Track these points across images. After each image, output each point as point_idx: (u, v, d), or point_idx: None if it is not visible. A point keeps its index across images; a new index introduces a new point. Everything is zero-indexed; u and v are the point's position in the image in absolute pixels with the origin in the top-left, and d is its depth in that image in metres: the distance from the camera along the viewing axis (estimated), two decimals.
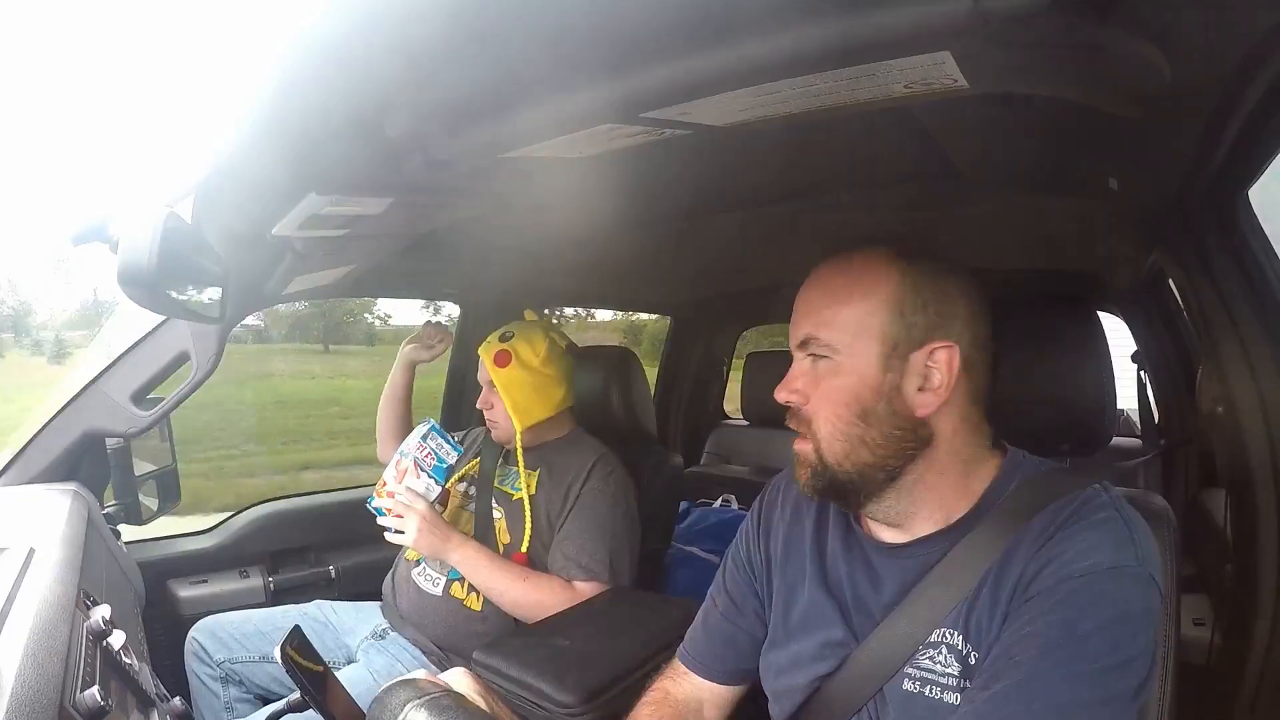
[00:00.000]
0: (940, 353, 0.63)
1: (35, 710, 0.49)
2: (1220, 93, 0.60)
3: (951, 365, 0.63)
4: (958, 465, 0.66)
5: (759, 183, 1.17)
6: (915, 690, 0.63)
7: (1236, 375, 0.91)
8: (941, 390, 0.63)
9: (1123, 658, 0.55)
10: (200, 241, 0.79)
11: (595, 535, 1.25)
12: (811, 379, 0.66)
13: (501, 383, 1.31)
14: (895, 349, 0.63)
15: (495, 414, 1.35)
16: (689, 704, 0.81)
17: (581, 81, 0.55)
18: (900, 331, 0.63)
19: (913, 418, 0.63)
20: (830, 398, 0.64)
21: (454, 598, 1.29)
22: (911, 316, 0.63)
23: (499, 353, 1.33)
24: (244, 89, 0.57)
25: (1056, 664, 0.54)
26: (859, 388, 0.63)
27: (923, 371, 0.63)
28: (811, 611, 0.72)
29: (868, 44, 0.45)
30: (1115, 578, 0.57)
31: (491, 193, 0.90)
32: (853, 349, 0.63)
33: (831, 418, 0.64)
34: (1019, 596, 0.59)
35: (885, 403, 0.63)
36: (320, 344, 10.08)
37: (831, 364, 0.64)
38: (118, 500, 1.24)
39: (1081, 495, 0.62)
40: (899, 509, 0.67)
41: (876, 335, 0.63)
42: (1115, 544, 0.58)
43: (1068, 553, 0.58)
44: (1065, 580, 0.57)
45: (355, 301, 8.94)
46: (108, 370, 1.20)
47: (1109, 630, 0.55)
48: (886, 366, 0.63)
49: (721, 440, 2.69)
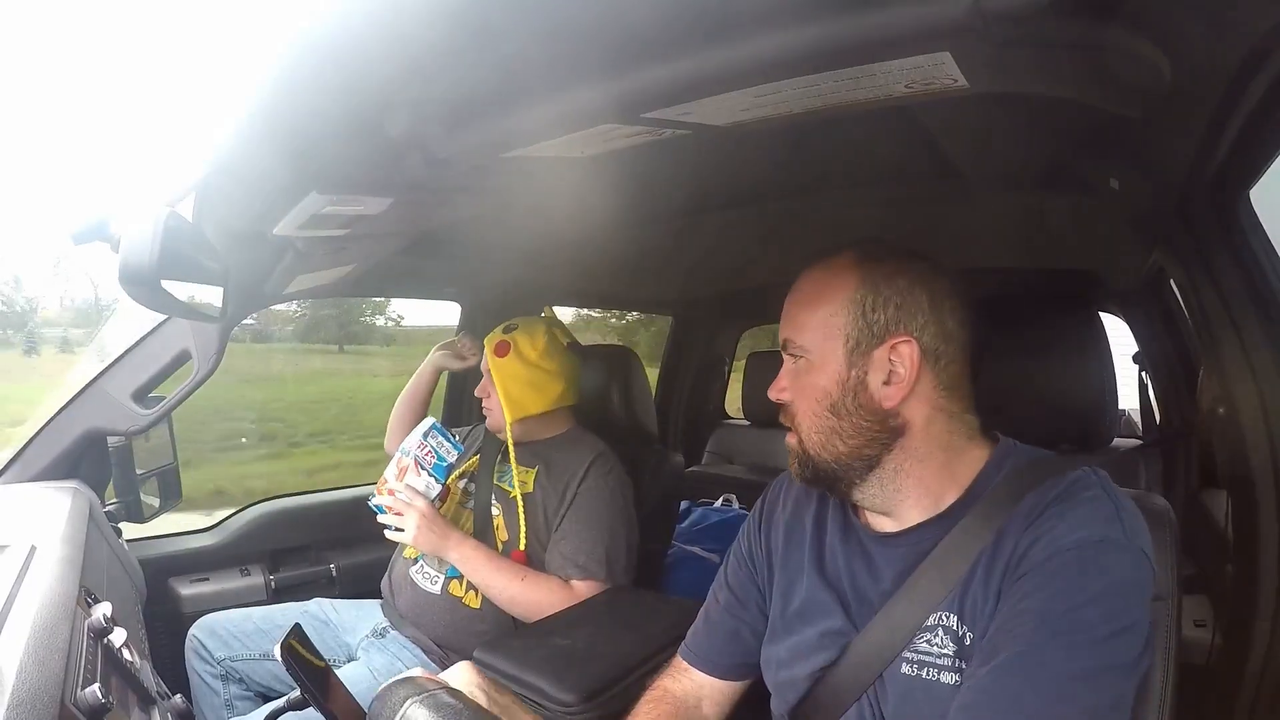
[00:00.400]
0: (901, 347, 0.66)
1: (36, 707, 0.49)
2: (1220, 93, 0.60)
3: (912, 358, 0.66)
4: (938, 453, 0.68)
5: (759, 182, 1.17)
6: (913, 673, 0.64)
7: (1237, 375, 0.91)
8: (905, 383, 0.66)
9: (1118, 627, 0.56)
10: (201, 240, 0.79)
11: (592, 534, 1.25)
12: (793, 378, 0.71)
13: (497, 373, 1.32)
14: (858, 346, 0.67)
15: (491, 403, 1.36)
16: (688, 701, 0.81)
17: (582, 81, 0.55)
18: (862, 330, 0.67)
19: (880, 409, 0.67)
20: (806, 394, 0.69)
21: (452, 595, 1.29)
22: (872, 315, 0.67)
23: (499, 343, 1.35)
24: (244, 88, 0.58)
25: (1054, 635, 0.55)
26: (828, 384, 0.68)
27: (886, 366, 0.67)
28: (811, 603, 0.73)
29: (868, 44, 0.45)
30: (1105, 550, 0.58)
31: (492, 192, 0.91)
32: (821, 349, 0.68)
33: (808, 413, 0.70)
34: (1011, 574, 0.61)
35: (852, 396, 0.67)
36: (335, 344, 10.28)
37: (806, 363, 0.70)
38: (119, 498, 1.24)
39: (1070, 476, 0.64)
40: (885, 496, 0.70)
41: (840, 335, 0.68)
42: (1103, 519, 0.60)
43: (1057, 528, 0.60)
44: (1056, 554, 0.59)
45: (368, 303, 9.14)
46: (109, 369, 1.20)
47: (1102, 601, 0.56)
48: (850, 363, 0.67)
49: (722, 440, 2.69)
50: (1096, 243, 1.36)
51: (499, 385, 1.32)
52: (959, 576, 0.64)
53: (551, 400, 1.36)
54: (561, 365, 1.38)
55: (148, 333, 1.20)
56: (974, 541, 0.64)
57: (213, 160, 0.70)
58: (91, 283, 8.98)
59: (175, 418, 1.32)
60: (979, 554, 0.63)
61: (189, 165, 0.72)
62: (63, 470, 1.20)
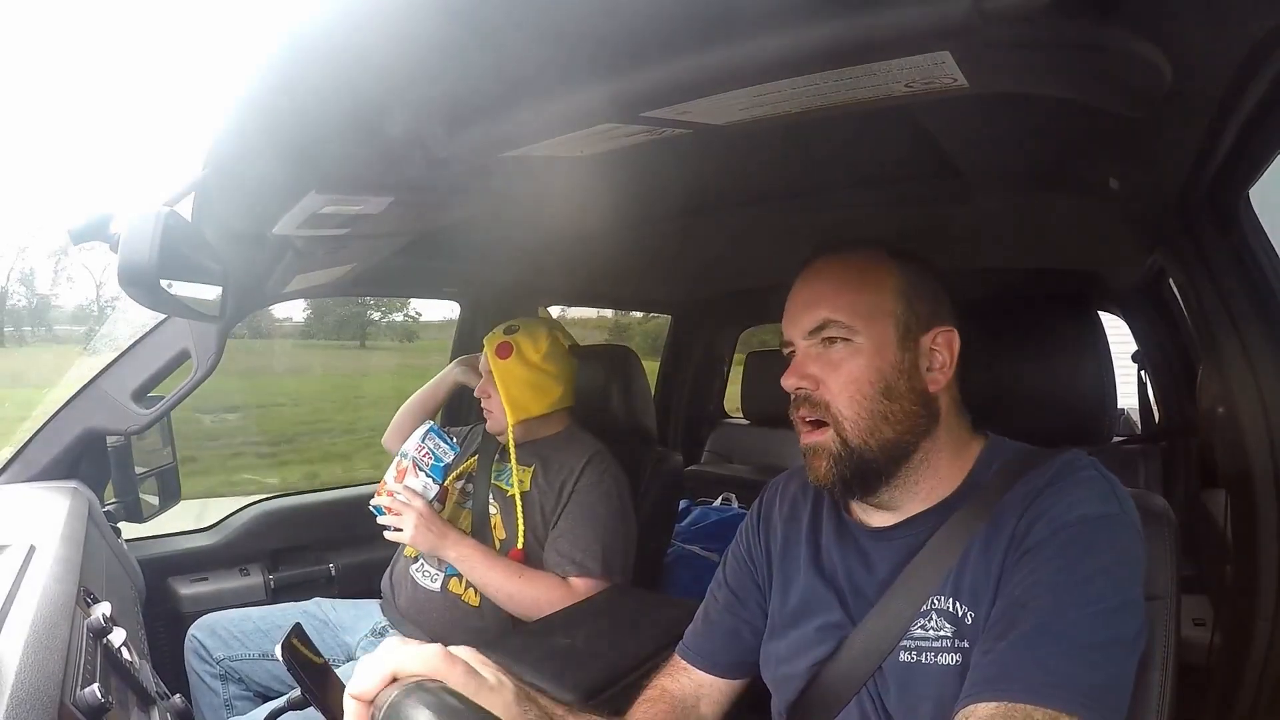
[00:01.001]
0: (942, 336, 0.69)
1: (36, 707, 0.49)
2: (1220, 93, 0.60)
3: (953, 347, 0.69)
4: (952, 444, 0.71)
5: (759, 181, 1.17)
6: (913, 660, 0.65)
7: (1237, 375, 0.91)
8: (947, 369, 0.69)
9: (1124, 599, 0.57)
10: (200, 240, 0.79)
11: (588, 531, 1.26)
12: (826, 363, 0.69)
13: (500, 374, 1.32)
14: (909, 332, 0.68)
15: (491, 404, 1.36)
16: (686, 700, 0.81)
17: (581, 80, 0.55)
18: (910, 317, 0.68)
19: (927, 394, 0.68)
20: (854, 376, 0.67)
21: (452, 593, 1.29)
22: (917, 305, 0.69)
23: (501, 344, 1.34)
24: (244, 87, 0.57)
25: (1070, 605, 0.56)
26: (882, 365, 0.67)
27: (929, 354, 0.69)
28: (808, 598, 0.74)
29: (868, 43, 0.45)
30: (1107, 524, 0.60)
31: (492, 191, 0.90)
32: (871, 331, 0.68)
33: (856, 396, 0.67)
34: (1014, 552, 0.62)
35: (906, 380, 0.68)
36: (357, 340, 10.58)
37: (851, 346, 0.68)
38: (118, 498, 1.24)
39: (1063, 458, 0.66)
40: (905, 489, 0.70)
41: (892, 319, 0.68)
42: (1101, 496, 0.62)
43: (1057, 506, 0.61)
44: (1061, 530, 0.60)
45: (388, 301, 9.42)
46: (108, 368, 1.20)
47: (1110, 572, 0.58)
48: (904, 347, 0.68)
49: (722, 439, 2.69)
50: (1096, 243, 1.36)
51: (501, 387, 1.32)
52: (953, 561, 0.65)
53: (552, 402, 1.36)
54: (563, 368, 1.38)
55: (147, 332, 1.20)
56: (968, 528, 0.65)
57: (212, 159, 0.70)
58: (94, 280, 9.01)
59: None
60: (973, 537, 0.65)
61: (188, 165, 0.72)
62: (62, 470, 1.20)
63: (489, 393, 1.36)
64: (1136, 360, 1.83)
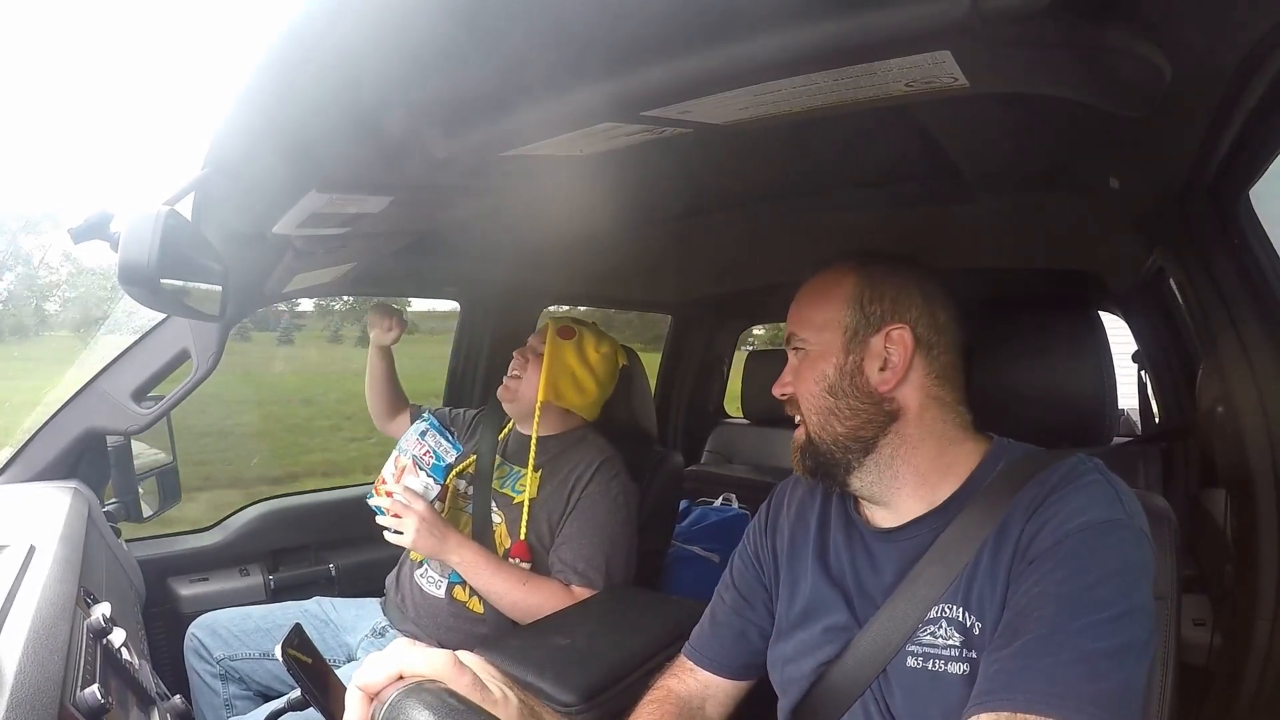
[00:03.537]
0: (895, 333, 0.72)
1: (36, 708, 0.49)
2: (1220, 93, 0.60)
3: (905, 344, 0.71)
4: (931, 441, 0.72)
5: (759, 181, 1.17)
6: (919, 666, 0.65)
7: (1237, 375, 0.91)
8: (899, 369, 0.71)
9: (1131, 605, 0.57)
10: (200, 240, 0.79)
11: (593, 541, 1.25)
12: (795, 370, 0.77)
13: (551, 354, 1.31)
14: (855, 335, 0.73)
15: (522, 382, 1.33)
16: (692, 701, 0.81)
17: (581, 80, 0.55)
18: (859, 321, 0.73)
19: (875, 393, 0.72)
20: (808, 379, 0.75)
21: (457, 600, 1.29)
22: (869, 307, 0.73)
23: (565, 327, 1.34)
24: (244, 86, 0.57)
25: (1074, 615, 0.56)
26: (826, 368, 0.74)
27: (882, 353, 0.72)
28: (815, 600, 0.75)
29: (868, 43, 0.45)
30: (1111, 530, 0.60)
31: (492, 191, 0.90)
32: (820, 339, 0.75)
33: (809, 395, 0.75)
34: (1019, 561, 0.62)
35: (849, 380, 0.73)
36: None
37: (807, 354, 0.76)
38: (118, 498, 1.24)
39: (1067, 463, 0.66)
40: (883, 484, 0.72)
41: (838, 326, 0.74)
42: (1105, 502, 0.62)
43: (1061, 513, 0.62)
44: (1065, 538, 0.60)
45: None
46: (108, 368, 1.20)
47: (1114, 580, 0.58)
48: (848, 350, 0.73)
49: (722, 439, 2.69)
50: (1096, 243, 1.36)
51: (547, 364, 1.30)
52: (961, 568, 0.65)
53: (582, 405, 1.36)
54: (607, 378, 1.37)
55: (147, 332, 1.20)
56: (975, 533, 0.65)
57: (212, 159, 0.70)
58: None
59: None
60: (981, 545, 0.65)
61: (189, 164, 0.71)
62: (62, 470, 1.20)
63: (524, 369, 1.34)
64: (1136, 360, 1.83)
